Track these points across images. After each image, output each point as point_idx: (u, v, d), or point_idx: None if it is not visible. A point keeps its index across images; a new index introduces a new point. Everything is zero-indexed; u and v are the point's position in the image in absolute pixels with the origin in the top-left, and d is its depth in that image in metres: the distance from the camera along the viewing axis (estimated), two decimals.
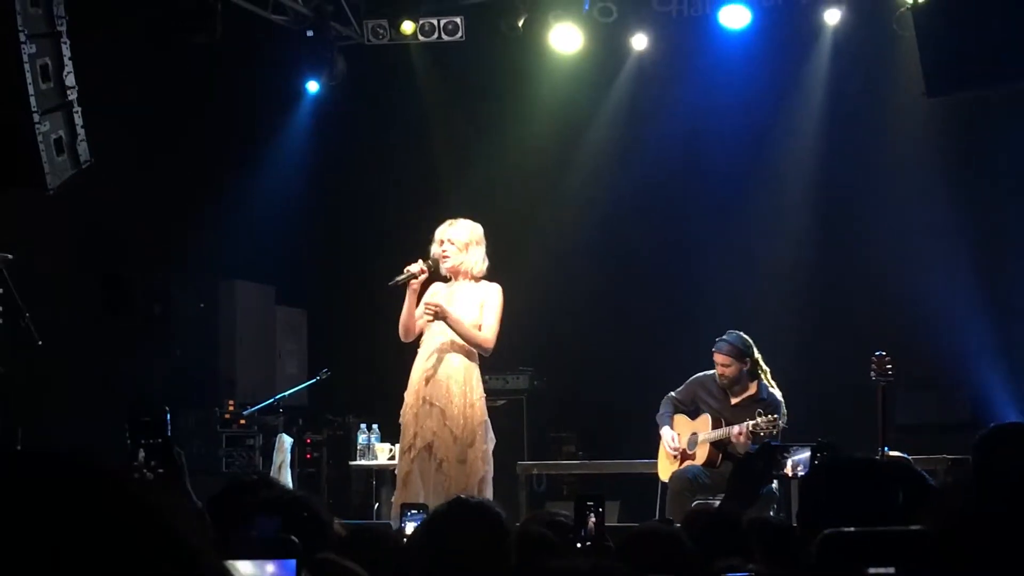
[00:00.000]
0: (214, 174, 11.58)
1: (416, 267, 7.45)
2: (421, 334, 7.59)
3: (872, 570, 1.58)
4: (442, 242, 7.53)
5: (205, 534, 1.19)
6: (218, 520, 3.37)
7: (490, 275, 7.66)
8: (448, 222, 7.61)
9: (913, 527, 1.58)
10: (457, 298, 7.53)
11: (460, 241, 7.51)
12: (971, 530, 1.30)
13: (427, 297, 7.55)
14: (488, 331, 7.50)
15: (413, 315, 7.53)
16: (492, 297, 7.55)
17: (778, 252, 11.48)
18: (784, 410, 8.38)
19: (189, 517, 1.09)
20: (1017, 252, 10.69)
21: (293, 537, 2.17)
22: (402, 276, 7.45)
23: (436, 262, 7.53)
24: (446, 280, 7.65)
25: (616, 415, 11.01)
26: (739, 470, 4.59)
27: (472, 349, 7.51)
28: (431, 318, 7.40)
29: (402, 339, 7.62)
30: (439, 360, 7.46)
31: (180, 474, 3.40)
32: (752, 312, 10.36)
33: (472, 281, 7.57)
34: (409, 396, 7.53)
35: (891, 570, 1.55)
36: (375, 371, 10.50)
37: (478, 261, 7.56)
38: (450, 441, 7.36)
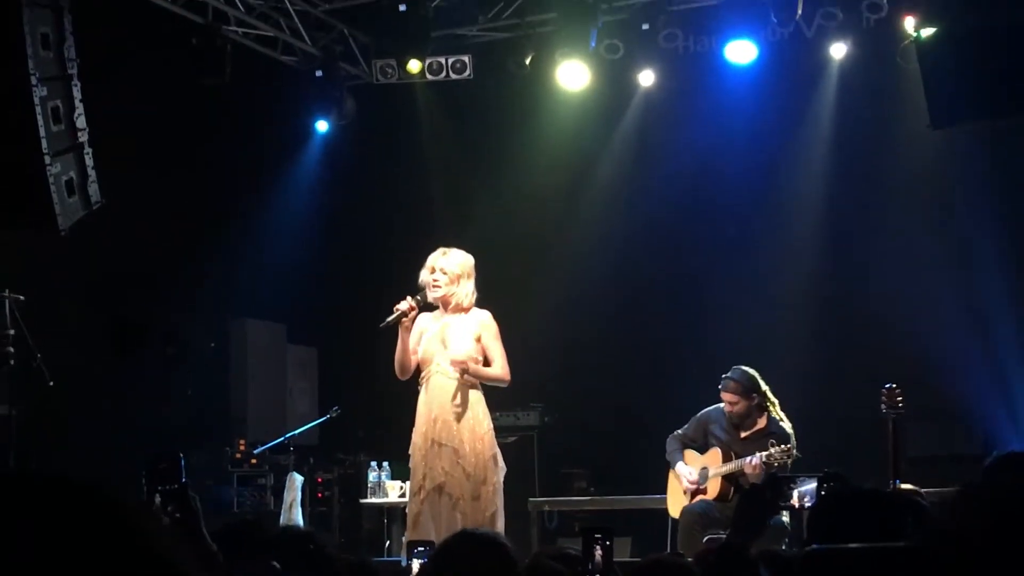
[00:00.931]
0: (224, 213, 11.65)
1: (405, 305, 7.41)
2: (418, 370, 7.56)
3: None
4: (433, 270, 7.51)
5: (217, 572, 1.22)
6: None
7: (493, 308, 7.64)
8: (441, 250, 7.57)
9: (895, 544, 1.60)
10: (451, 334, 7.49)
11: (452, 272, 7.48)
12: (954, 546, 1.32)
13: (417, 329, 7.54)
14: (501, 366, 7.50)
15: (408, 352, 7.49)
16: (488, 329, 7.52)
17: (787, 285, 11.47)
18: (794, 442, 8.34)
19: (177, 540, 1.11)
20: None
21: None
22: (392, 316, 7.42)
23: (424, 294, 7.51)
24: (432, 308, 7.61)
25: (627, 450, 10.98)
26: (745, 501, 4.58)
27: (476, 381, 7.52)
28: (460, 374, 7.38)
29: (399, 377, 7.57)
30: (443, 397, 7.43)
31: (196, 519, 3.42)
32: (762, 345, 10.35)
33: (461, 312, 7.56)
34: (417, 437, 7.49)
35: None
36: (386, 409, 10.50)
37: (468, 293, 7.52)
38: (463, 479, 7.33)
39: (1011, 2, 6.93)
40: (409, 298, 7.44)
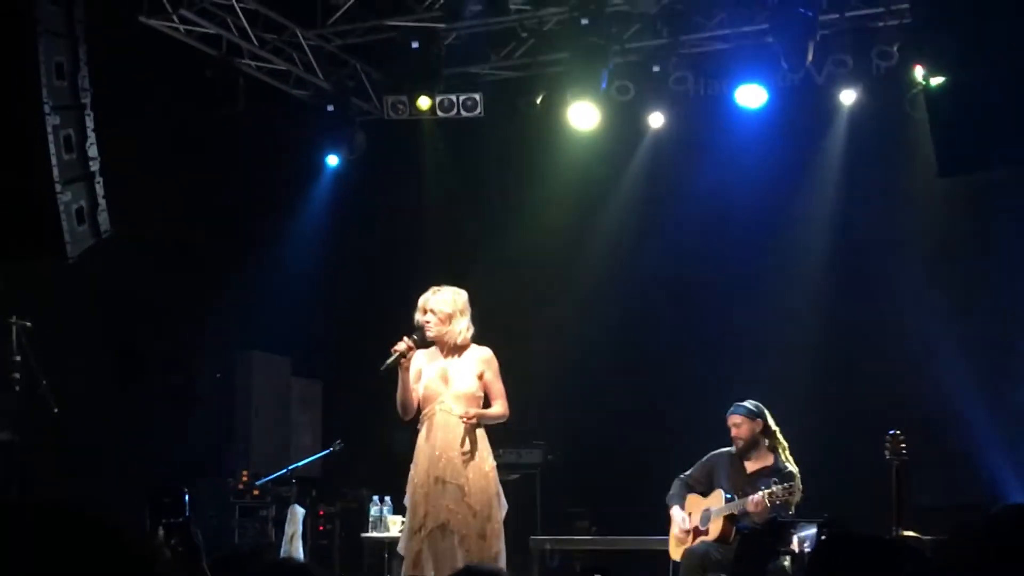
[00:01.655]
0: (232, 246, 11.69)
1: (403, 345, 7.36)
2: (419, 408, 7.54)
3: None
4: (424, 311, 7.49)
5: None
6: None
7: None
8: (432, 290, 7.55)
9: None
10: (453, 372, 7.47)
11: (442, 312, 7.43)
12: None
13: (414, 367, 7.48)
14: (501, 404, 7.49)
15: (409, 391, 7.45)
16: (490, 366, 7.50)
17: (795, 330, 11.47)
18: (799, 484, 8.33)
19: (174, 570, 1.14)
20: None
21: None
22: (391, 359, 7.38)
23: (421, 333, 7.46)
24: (430, 345, 7.55)
25: (630, 491, 10.94)
26: (745, 545, 4.57)
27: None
28: (472, 424, 7.37)
29: (402, 417, 7.52)
30: (447, 435, 7.39)
31: (197, 554, 3.44)
32: (768, 389, 10.30)
33: (459, 351, 7.50)
34: (418, 475, 7.42)
35: None
36: (389, 443, 10.49)
37: (463, 330, 7.48)
38: (470, 517, 7.28)
39: (1020, 49, 6.97)
40: (406, 338, 7.39)
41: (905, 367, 10.91)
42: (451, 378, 7.44)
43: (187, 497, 3.33)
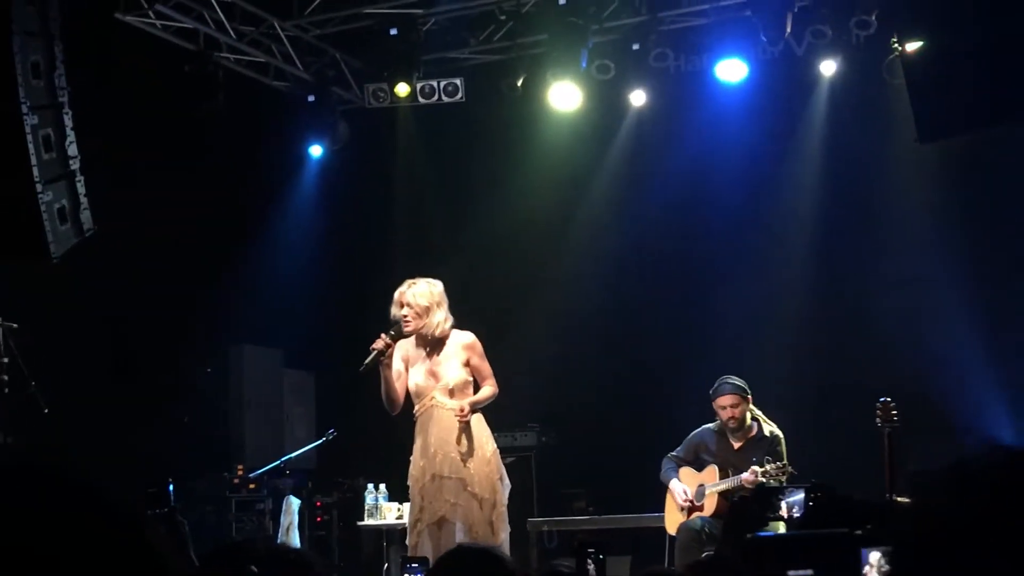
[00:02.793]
0: (220, 239, 11.66)
1: (381, 344, 7.35)
2: (412, 403, 7.54)
3: (792, 572, 1.60)
4: (401, 305, 7.47)
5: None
6: None
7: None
8: (407, 283, 7.54)
9: (831, 531, 1.61)
10: (439, 368, 7.47)
11: (419, 305, 7.42)
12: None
13: (398, 357, 7.49)
14: (491, 384, 7.54)
15: (393, 386, 7.45)
16: (474, 350, 7.52)
17: (781, 302, 11.50)
18: (784, 448, 8.42)
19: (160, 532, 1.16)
20: (1020, 294, 10.70)
21: None
22: (370, 358, 7.37)
23: (398, 328, 7.43)
24: (405, 338, 7.53)
25: (625, 470, 10.97)
26: (733, 514, 4.59)
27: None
28: (467, 419, 7.36)
29: (389, 412, 7.55)
30: (443, 431, 7.40)
31: (184, 542, 3.44)
32: (757, 362, 10.35)
33: (442, 342, 7.50)
34: (415, 469, 7.47)
35: (809, 572, 1.57)
36: (383, 432, 10.50)
37: (441, 322, 7.48)
38: (475, 508, 7.32)
39: (994, 14, 6.98)
40: (384, 336, 7.38)
41: (892, 335, 10.93)
42: (439, 372, 7.45)
43: (172, 488, 3.35)
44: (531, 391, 11.13)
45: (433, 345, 7.49)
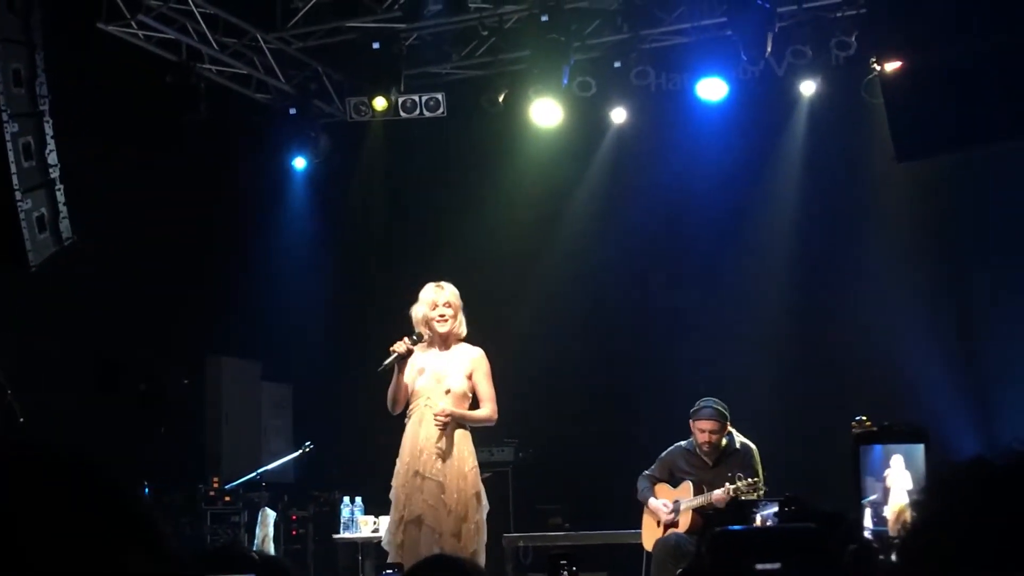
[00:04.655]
0: (199, 251, 11.64)
1: (402, 346, 7.40)
2: (408, 403, 7.57)
3: (760, 566, 1.61)
4: (436, 305, 7.53)
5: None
6: None
7: (472, 342, 7.68)
8: (437, 285, 7.59)
9: (797, 525, 1.63)
10: (444, 372, 7.51)
11: (456, 304, 7.55)
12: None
13: (413, 364, 7.54)
14: (490, 406, 7.57)
15: (403, 389, 7.50)
16: (481, 368, 7.56)
17: (759, 319, 11.55)
18: (758, 459, 8.45)
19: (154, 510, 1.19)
20: (997, 312, 10.78)
21: None
22: (390, 359, 7.42)
23: (419, 333, 7.51)
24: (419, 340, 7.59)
25: (602, 486, 10.98)
26: (708, 527, 4.61)
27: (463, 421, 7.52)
28: (443, 428, 7.39)
29: (391, 411, 7.58)
30: (431, 431, 7.42)
31: None
32: (735, 378, 10.40)
33: (457, 344, 7.58)
34: (400, 466, 7.49)
35: (777, 565, 1.58)
36: (360, 445, 10.51)
37: (463, 323, 7.61)
38: (444, 515, 7.33)
39: (972, 36, 7.04)
40: (405, 339, 7.43)
41: (869, 352, 10.99)
42: (443, 376, 7.48)
43: (147, 491, 3.35)
44: (509, 406, 11.10)
45: (445, 348, 7.53)
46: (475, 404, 7.61)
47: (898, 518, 3.33)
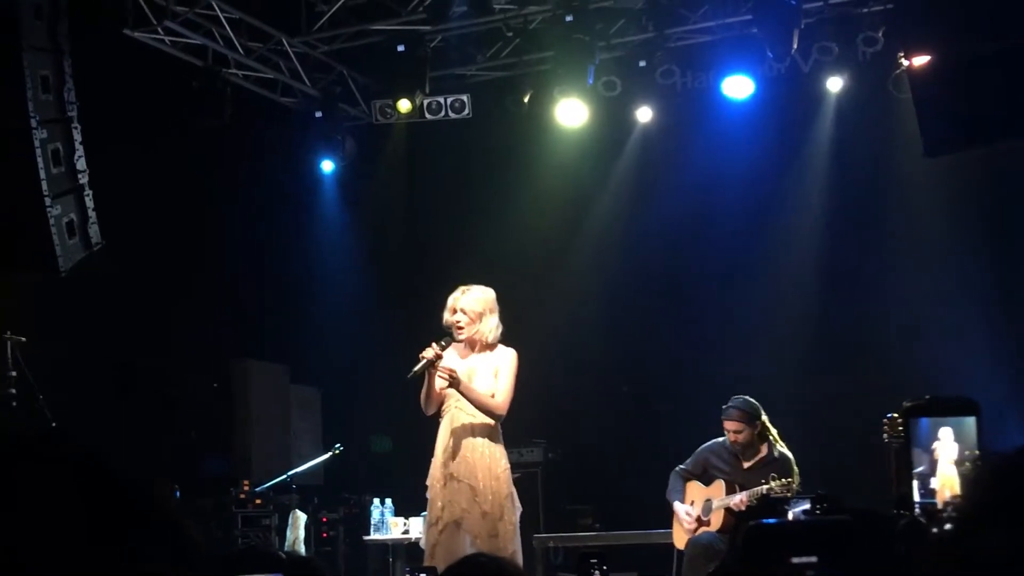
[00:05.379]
0: (227, 254, 11.68)
1: (431, 352, 7.31)
2: (441, 404, 7.54)
3: (795, 559, 1.60)
4: (454, 310, 7.49)
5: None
6: None
7: (504, 343, 7.63)
8: (461, 289, 7.53)
9: (833, 517, 1.61)
10: (474, 374, 7.46)
11: (473, 311, 7.45)
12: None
13: (445, 366, 7.51)
14: (499, 396, 7.43)
15: (434, 394, 7.45)
16: (505, 363, 7.49)
17: (787, 317, 11.50)
18: (796, 471, 8.36)
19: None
20: None
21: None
22: (419, 366, 7.32)
23: (450, 335, 7.48)
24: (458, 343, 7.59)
25: (632, 486, 10.95)
26: (739, 525, 4.59)
27: (493, 422, 7.48)
28: (445, 384, 7.35)
29: (424, 412, 7.56)
30: (461, 434, 7.40)
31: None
32: (764, 376, 10.34)
33: (487, 350, 7.54)
34: (435, 469, 7.46)
35: (813, 559, 1.57)
36: (391, 446, 10.52)
37: (492, 328, 7.49)
38: (479, 517, 7.29)
39: (1000, 29, 7.00)
40: (434, 345, 7.36)
41: (898, 349, 10.93)
42: (472, 378, 7.45)
43: (177, 494, 3.35)
44: (537, 406, 11.12)
45: (477, 352, 7.52)
46: None
47: (945, 490, 3.32)
